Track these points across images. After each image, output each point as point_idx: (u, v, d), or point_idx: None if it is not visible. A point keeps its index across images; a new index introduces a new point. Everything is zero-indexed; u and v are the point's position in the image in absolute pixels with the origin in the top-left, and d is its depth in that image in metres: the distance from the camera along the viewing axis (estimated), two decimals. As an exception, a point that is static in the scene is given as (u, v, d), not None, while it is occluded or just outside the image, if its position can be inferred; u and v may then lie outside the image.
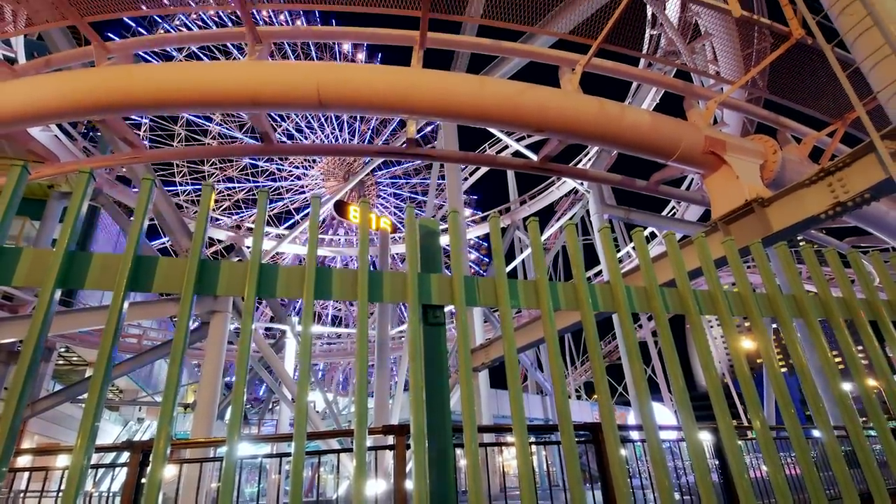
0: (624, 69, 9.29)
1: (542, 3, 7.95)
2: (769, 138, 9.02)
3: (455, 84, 7.39)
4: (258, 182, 49.29)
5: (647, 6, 13.29)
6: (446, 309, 1.98)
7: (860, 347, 2.99)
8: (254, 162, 48.03)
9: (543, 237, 35.66)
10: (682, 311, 2.23)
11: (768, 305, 2.44)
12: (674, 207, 31.90)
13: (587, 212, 23.99)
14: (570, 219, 34.68)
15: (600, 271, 34.57)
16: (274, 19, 42.69)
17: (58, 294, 1.59)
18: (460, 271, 1.91)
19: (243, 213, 48.23)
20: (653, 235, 31.83)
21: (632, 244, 31.16)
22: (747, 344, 41.60)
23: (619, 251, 32.19)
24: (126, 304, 1.61)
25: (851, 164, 6.92)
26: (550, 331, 1.95)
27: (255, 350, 20.83)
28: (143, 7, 9.48)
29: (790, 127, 10.71)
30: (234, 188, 48.68)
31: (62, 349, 25.29)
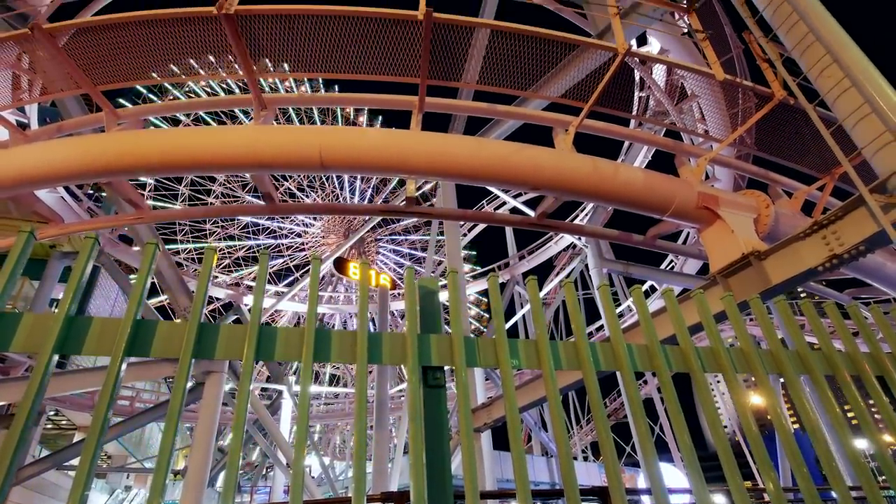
0: (615, 129, 9.63)
1: (534, 69, 8.35)
2: (761, 193, 9.22)
3: (453, 145, 7.65)
4: (259, 239, 49.76)
5: (635, 70, 13.95)
6: (447, 367, 1.96)
7: (870, 401, 2.93)
8: (255, 219, 48.73)
9: (543, 292, 35.56)
10: (686, 369, 2.20)
11: (772, 362, 2.41)
12: (672, 261, 32.06)
13: (586, 266, 24.08)
14: (569, 274, 34.67)
15: (602, 325, 34.24)
16: (279, 84, 44.63)
17: (55, 359, 1.58)
18: (460, 332, 1.91)
19: (243, 270, 48.35)
20: (652, 289, 31.79)
21: (632, 299, 30.94)
22: (756, 400, 40.54)
23: (618, 306, 32.00)
24: (124, 367, 1.60)
25: (844, 217, 7.05)
26: (553, 391, 1.92)
27: (251, 412, 20.27)
28: (155, 75, 9.97)
29: (780, 182, 10.96)
30: (235, 245, 49.07)
31: (51, 412, 24.57)
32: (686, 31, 11.08)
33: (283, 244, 50.68)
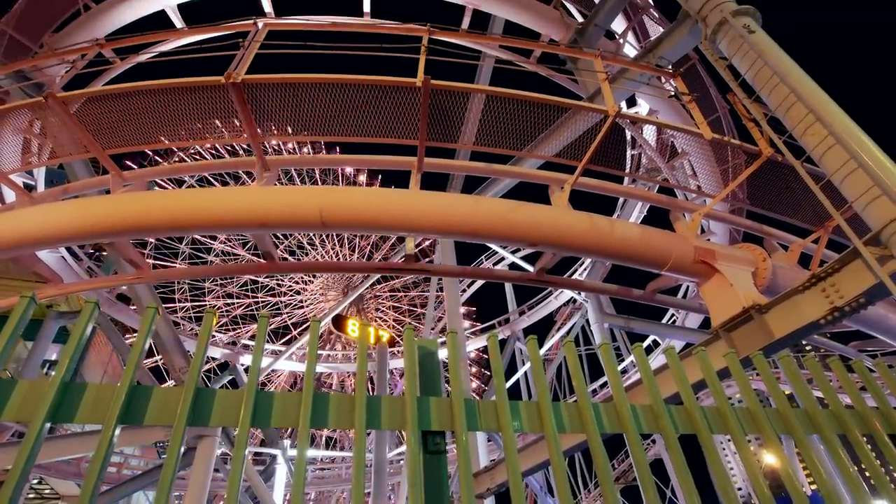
0: (610, 187, 9.86)
1: (529, 130, 8.66)
2: (757, 246, 9.30)
3: (451, 204, 7.81)
4: (257, 298, 49.52)
5: (627, 130, 14.45)
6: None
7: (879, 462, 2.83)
8: (254, 278, 48.71)
9: (545, 348, 35.00)
10: (692, 430, 2.14)
11: (781, 422, 2.35)
12: (673, 314, 31.82)
13: (587, 321, 23.87)
14: (570, 329, 34.22)
15: (606, 382, 33.48)
16: (282, 146, 45.89)
17: (47, 427, 1.54)
18: (460, 395, 1.88)
19: (241, 328, 47.77)
20: (655, 343, 31.34)
21: (634, 356, 30.42)
22: (770, 459, 38.95)
23: (621, 361, 31.41)
24: (117, 432, 1.56)
25: (841, 270, 7.09)
26: (556, 456, 1.87)
27: (243, 479, 19.38)
28: (163, 139, 10.29)
29: (775, 235, 11.08)
30: (234, 304, 48.75)
31: (34, 481, 23.48)
32: (673, 93, 11.59)
33: (282, 301, 50.42)
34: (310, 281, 50.04)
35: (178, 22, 14.95)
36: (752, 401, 2.35)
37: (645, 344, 30.20)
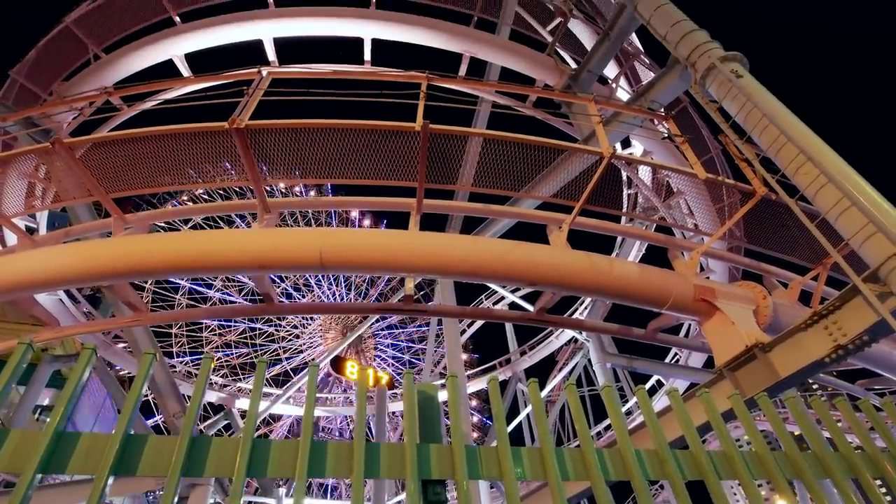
0: (608, 226, 9.94)
1: (526, 171, 8.81)
2: (757, 284, 9.29)
3: (449, 244, 7.85)
4: (256, 344, 48.87)
5: (622, 171, 14.71)
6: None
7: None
8: (252, 325, 48.18)
9: (547, 389, 34.36)
10: (699, 476, 2.09)
11: (790, 466, 2.29)
12: (677, 353, 31.41)
13: (589, 361, 23.55)
14: (572, 369, 33.65)
15: (610, 424, 32.63)
16: (288, 189, 46.35)
17: (38, 478, 1.50)
18: (461, 443, 1.84)
19: (240, 377, 46.76)
20: (659, 383, 30.79)
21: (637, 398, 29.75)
22: (782, 504, 37.50)
23: (625, 403, 30.77)
24: (110, 482, 1.52)
25: (842, 307, 7.07)
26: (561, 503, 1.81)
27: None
28: (166, 183, 10.43)
29: (774, 273, 11.09)
30: (232, 354, 48.02)
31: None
32: (666, 135, 11.87)
33: (280, 347, 49.71)
34: (308, 322, 49.58)
35: (185, 70, 15.45)
36: (760, 443, 2.30)
37: (648, 385, 29.65)
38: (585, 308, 29.19)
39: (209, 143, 8.17)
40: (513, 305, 31.19)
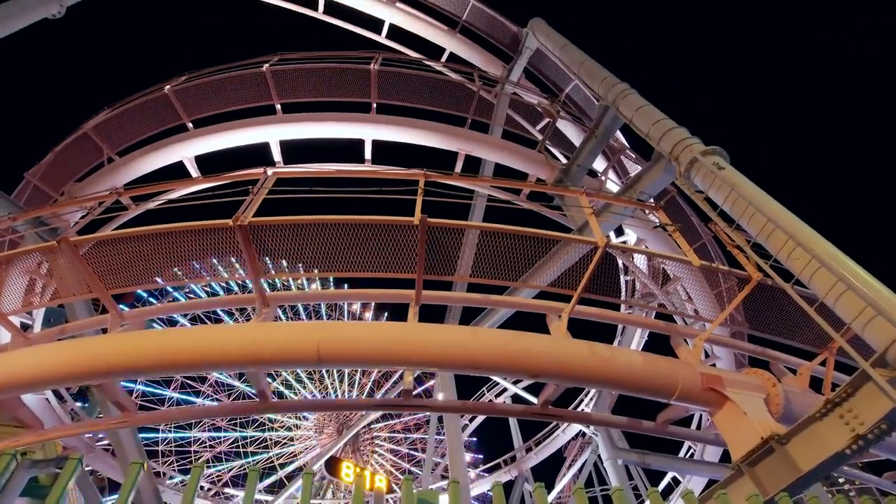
0: (608, 314, 9.90)
1: (523, 261, 8.95)
2: (765, 371, 9.06)
3: (449, 336, 7.77)
4: (245, 433, 46.21)
5: (618, 258, 14.95)
6: None
7: None
8: (244, 433, 45.94)
9: (556, 490, 32.17)
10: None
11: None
12: (691, 446, 29.79)
13: (599, 457, 22.29)
14: (582, 467, 31.65)
15: (626, 529, 30.09)
16: (280, 278, 46.44)
17: None
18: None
19: (231, 494, 43.57)
20: (675, 480, 28.85)
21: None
22: None
23: (640, 502, 28.62)
24: None
25: (855, 394, 6.87)
26: None
27: None
28: (159, 280, 10.46)
29: (780, 358, 10.86)
30: (220, 438, 45.29)
31: None
32: (657, 225, 12.21)
33: (271, 439, 46.93)
34: (303, 420, 47.42)
35: (194, 171, 16.18)
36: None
37: (664, 483, 27.74)
38: (591, 399, 28.16)
39: (213, 239, 8.36)
40: (516, 398, 30.14)
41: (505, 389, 32.31)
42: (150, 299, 37.84)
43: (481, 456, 46.98)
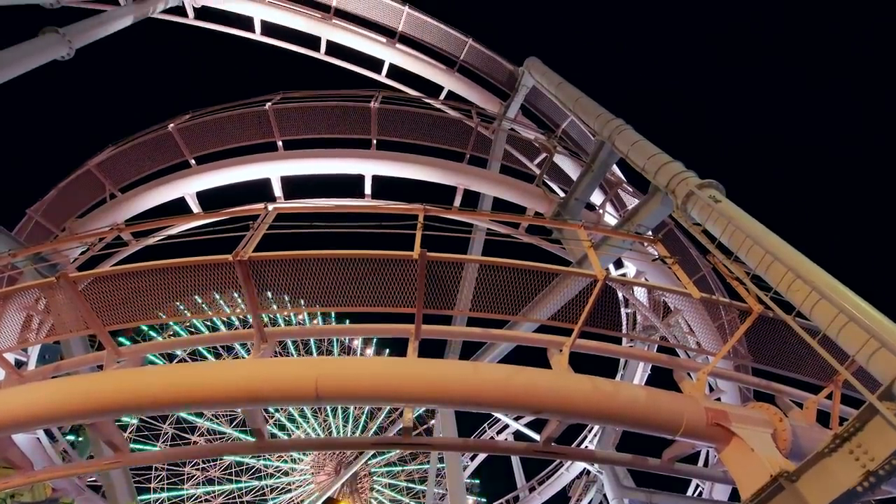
0: (609, 348, 9.81)
1: (523, 294, 8.92)
2: (770, 406, 8.91)
3: (449, 372, 7.67)
4: (241, 481, 45.00)
5: (618, 291, 14.91)
6: None
7: None
8: (238, 459, 44.86)
9: (561, 530, 31.04)
10: None
11: None
12: (699, 483, 28.95)
13: (605, 496, 21.62)
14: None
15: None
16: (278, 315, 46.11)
17: None
18: None
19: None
20: (684, 521, 27.89)
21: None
22: None
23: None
24: None
25: (864, 429, 6.75)
26: None
27: None
28: (162, 315, 10.41)
29: (785, 392, 10.70)
30: (214, 491, 44.02)
31: None
32: (656, 257, 12.25)
33: (267, 486, 45.65)
34: (299, 459, 46.22)
35: (195, 207, 16.32)
36: None
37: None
38: (595, 436, 27.56)
39: (213, 275, 8.36)
40: (518, 435, 29.46)
41: (507, 426, 31.64)
42: (151, 332, 37.58)
43: (483, 500, 45.55)
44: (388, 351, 48.72)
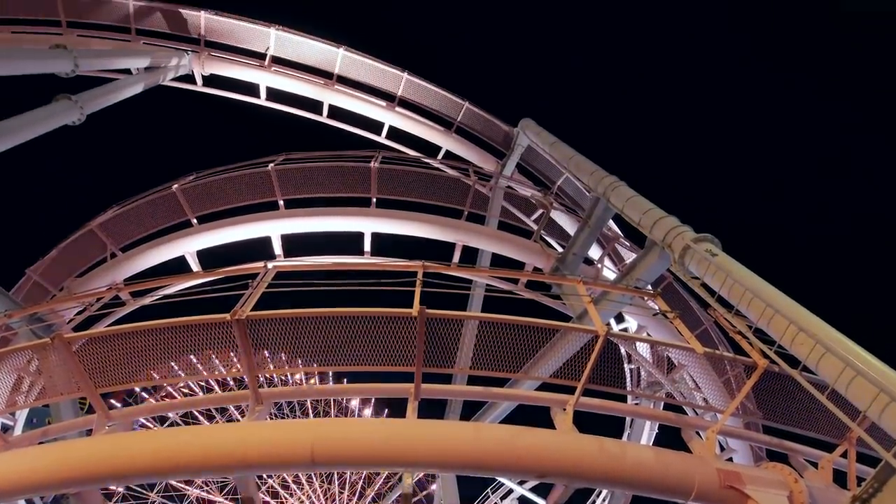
0: (614, 406, 9.56)
1: (524, 351, 8.78)
2: (784, 466, 8.58)
3: (450, 433, 7.43)
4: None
5: (620, 346, 14.68)
6: None
7: None
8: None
9: None
10: None
11: None
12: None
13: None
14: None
15: None
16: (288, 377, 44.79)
17: None
18: None
19: None
20: None
21: None
22: None
23: None
24: None
25: (882, 490, 6.51)
26: None
27: None
28: (155, 376, 10.16)
29: (799, 451, 10.31)
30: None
31: None
32: (656, 312, 12.17)
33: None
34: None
35: (195, 265, 16.35)
36: None
37: None
38: (605, 500, 26.25)
39: (211, 334, 8.27)
40: (523, 500, 28.10)
41: (511, 491, 30.21)
42: (143, 393, 36.47)
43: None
44: (386, 411, 47.26)
